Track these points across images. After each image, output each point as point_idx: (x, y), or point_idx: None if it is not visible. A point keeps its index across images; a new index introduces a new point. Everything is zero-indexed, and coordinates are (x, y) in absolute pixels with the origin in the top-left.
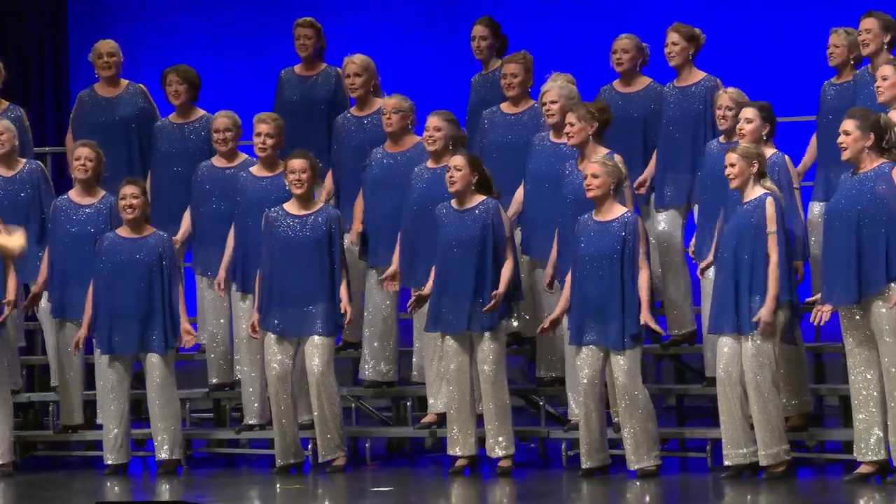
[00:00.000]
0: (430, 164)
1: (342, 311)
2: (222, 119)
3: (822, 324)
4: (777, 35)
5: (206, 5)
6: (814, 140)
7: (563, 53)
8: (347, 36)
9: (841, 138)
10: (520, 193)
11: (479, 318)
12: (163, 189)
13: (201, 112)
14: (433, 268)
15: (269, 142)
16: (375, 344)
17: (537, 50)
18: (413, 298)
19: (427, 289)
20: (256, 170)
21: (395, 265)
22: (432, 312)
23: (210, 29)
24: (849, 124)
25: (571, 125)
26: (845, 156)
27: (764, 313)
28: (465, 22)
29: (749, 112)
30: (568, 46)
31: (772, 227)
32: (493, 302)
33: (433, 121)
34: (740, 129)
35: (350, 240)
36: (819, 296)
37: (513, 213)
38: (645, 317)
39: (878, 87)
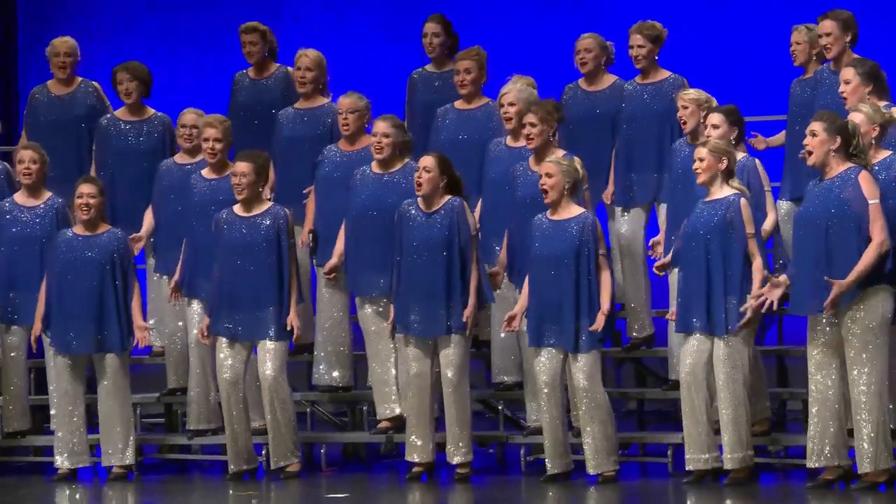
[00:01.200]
0: (374, 168)
1: (289, 327)
2: (190, 115)
3: (769, 305)
4: (747, 33)
5: (165, 4)
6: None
7: (528, 53)
8: (304, 35)
9: (807, 140)
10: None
11: (454, 322)
12: (110, 187)
13: (152, 111)
14: (341, 232)
15: (218, 146)
16: (329, 348)
17: (501, 49)
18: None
19: (336, 257)
20: (206, 172)
21: (336, 258)
22: (399, 317)
23: (169, 28)
24: (816, 126)
25: (532, 126)
26: (811, 160)
27: (750, 307)
28: (419, 20)
29: (715, 118)
30: (534, 45)
31: (750, 228)
32: (468, 320)
33: (381, 126)
34: (707, 136)
35: (301, 240)
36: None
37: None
38: (600, 321)
39: (842, 91)
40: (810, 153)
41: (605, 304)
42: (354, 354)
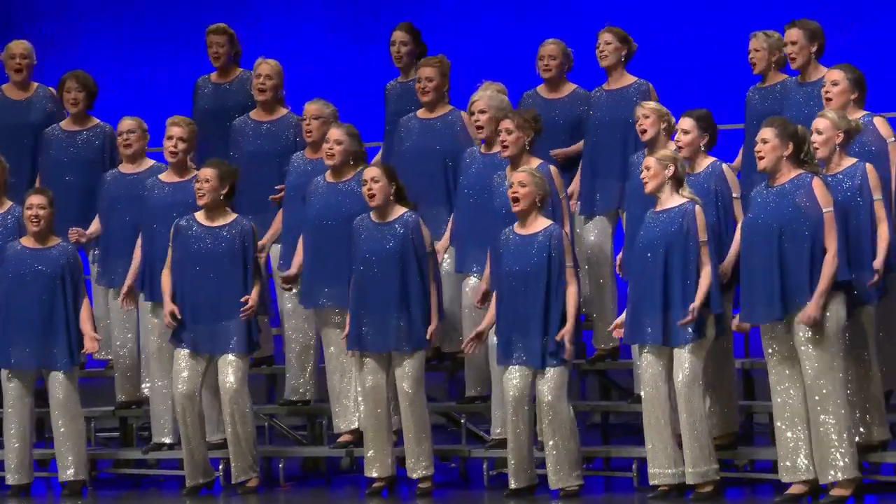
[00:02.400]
0: (328, 177)
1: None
2: (127, 122)
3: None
4: (711, 41)
5: (119, 10)
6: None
7: (495, 59)
8: (264, 42)
9: (758, 146)
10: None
11: (401, 337)
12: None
13: (95, 121)
14: (299, 243)
15: (181, 146)
16: (294, 362)
17: (468, 56)
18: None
19: (294, 268)
20: (165, 175)
21: (294, 269)
22: (352, 331)
23: (122, 35)
24: (767, 133)
25: (509, 132)
26: (762, 165)
27: (694, 308)
28: (387, 27)
29: (685, 122)
30: (501, 51)
31: (703, 236)
32: (431, 337)
33: (335, 133)
34: (677, 141)
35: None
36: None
37: (445, 237)
38: (566, 334)
39: (827, 91)
40: (761, 158)
41: (570, 320)
42: (319, 368)
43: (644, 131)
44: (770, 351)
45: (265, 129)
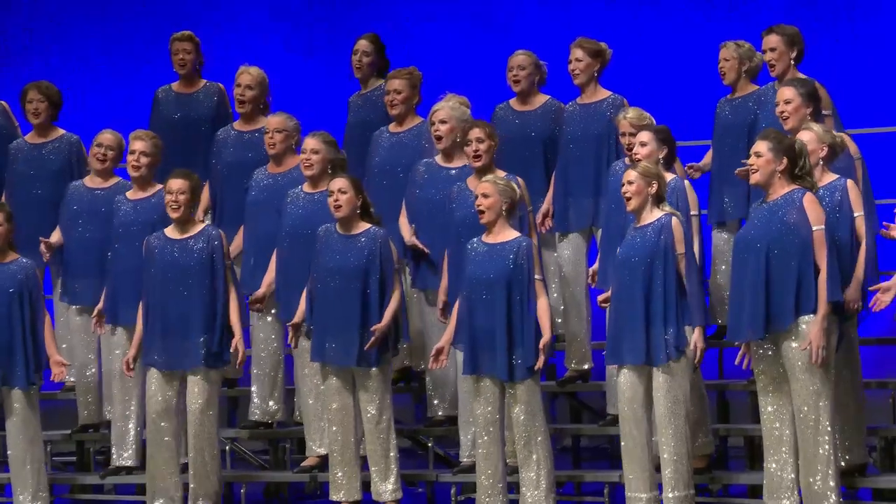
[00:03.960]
0: (306, 188)
1: (231, 349)
2: (108, 135)
3: (745, 367)
4: (680, 54)
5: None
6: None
7: (461, 72)
8: (227, 52)
9: (752, 160)
10: (403, 223)
11: (366, 354)
12: (18, 212)
13: (61, 131)
14: (304, 294)
15: (144, 160)
16: (264, 381)
17: (433, 69)
18: (291, 334)
19: (298, 317)
20: (131, 193)
21: (264, 287)
22: (316, 344)
23: (82, 44)
24: (761, 146)
25: (480, 141)
26: (754, 179)
27: (698, 341)
28: (350, 38)
29: (644, 136)
30: (467, 63)
31: (681, 248)
32: (373, 339)
33: (311, 143)
34: (635, 154)
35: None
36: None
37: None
38: (541, 351)
39: (782, 111)
40: (754, 172)
41: (546, 333)
42: (287, 389)
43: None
44: (758, 371)
45: (246, 139)
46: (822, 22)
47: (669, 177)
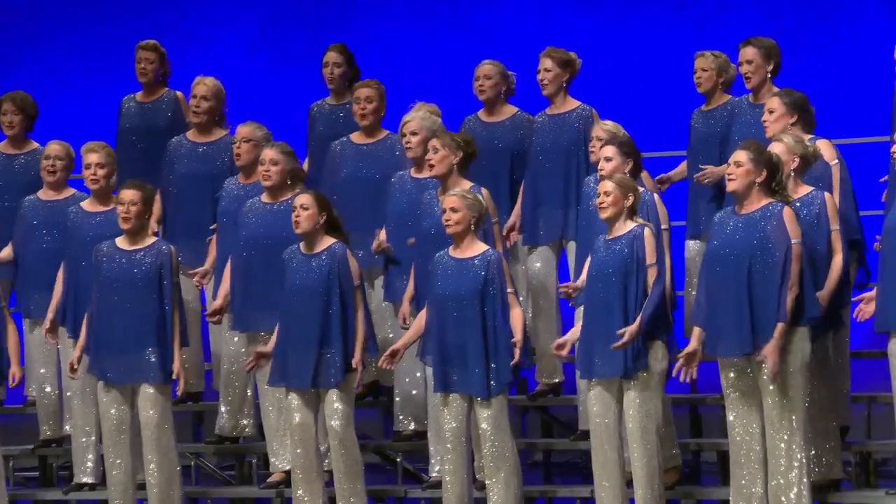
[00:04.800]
0: (264, 198)
1: (174, 374)
2: (54, 146)
3: (686, 381)
4: (651, 65)
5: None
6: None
7: (435, 79)
8: (194, 61)
9: (731, 168)
10: (382, 235)
11: (326, 373)
12: None
13: (35, 144)
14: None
15: (101, 172)
16: (233, 396)
17: (401, 79)
18: (251, 358)
19: (269, 345)
20: (88, 204)
21: (220, 300)
22: (277, 364)
23: (52, 54)
24: (741, 156)
25: (435, 151)
26: (732, 187)
27: (630, 330)
28: (321, 46)
29: (608, 150)
30: (441, 72)
31: (652, 259)
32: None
33: (270, 154)
34: (600, 169)
35: (196, 280)
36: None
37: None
38: (516, 353)
39: (765, 121)
40: (732, 180)
41: (518, 334)
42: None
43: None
44: (729, 385)
45: (201, 150)
46: (794, 34)
47: (638, 189)
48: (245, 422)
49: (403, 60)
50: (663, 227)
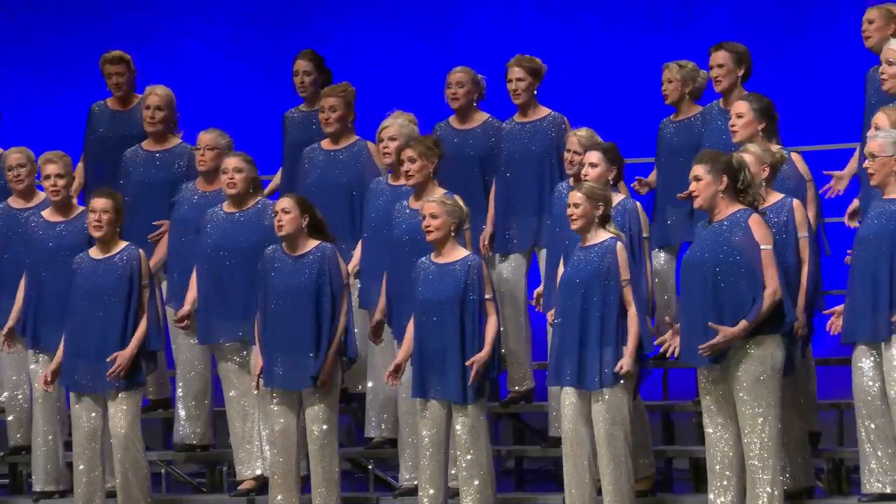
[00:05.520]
0: (226, 207)
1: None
2: (15, 155)
3: (671, 353)
4: (623, 71)
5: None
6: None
7: (404, 88)
8: (168, 65)
9: (692, 185)
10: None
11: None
12: None
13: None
14: (256, 332)
15: (61, 182)
16: (191, 402)
17: (375, 85)
18: (256, 382)
19: (258, 363)
20: (49, 214)
21: (188, 305)
22: (266, 368)
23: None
24: (699, 169)
25: (412, 161)
26: (697, 203)
27: (626, 363)
28: (290, 53)
29: (593, 156)
30: (410, 81)
31: (626, 274)
32: (324, 370)
33: (233, 162)
34: (584, 175)
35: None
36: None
37: (353, 265)
38: (477, 362)
39: (733, 125)
40: (696, 196)
41: (486, 347)
42: (215, 411)
43: (571, 163)
44: (704, 392)
45: (156, 158)
46: (767, 39)
47: (620, 196)
48: (202, 430)
49: (377, 67)
50: (644, 235)
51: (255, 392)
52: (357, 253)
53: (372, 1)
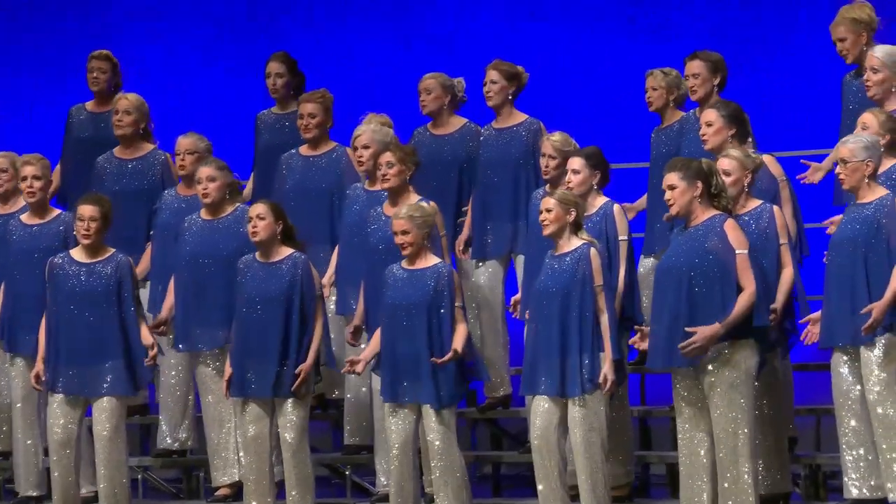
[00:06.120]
0: (204, 215)
1: (148, 359)
2: None
3: (641, 348)
4: (602, 78)
5: None
6: None
7: (377, 90)
8: (143, 71)
9: (667, 194)
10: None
11: (287, 383)
12: None
13: None
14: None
15: (37, 184)
16: (175, 409)
17: (349, 89)
18: (225, 387)
19: (228, 370)
20: (27, 217)
21: (165, 312)
22: (236, 376)
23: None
24: (673, 178)
25: (390, 166)
26: (674, 211)
27: (607, 371)
28: (263, 55)
29: (575, 162)
30: (385, 84)
31: (599, 280)
32: (299, 381)
33: (206, 171)
34: (567, 181)
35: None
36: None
37: (328, 276)
38: (447, 358)
39: (703, 134)
40: (672, 204)
41: (458, 346)
42: (197, 416)
43: (546, 170)
44: (678, 396)
45: (130, 166)
46: (745, 46)
47: (602, 200)
48: (185, 435)
49: (358, 70)
50: (622, 238)
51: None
52: (333, 260)
53: (346, 6)
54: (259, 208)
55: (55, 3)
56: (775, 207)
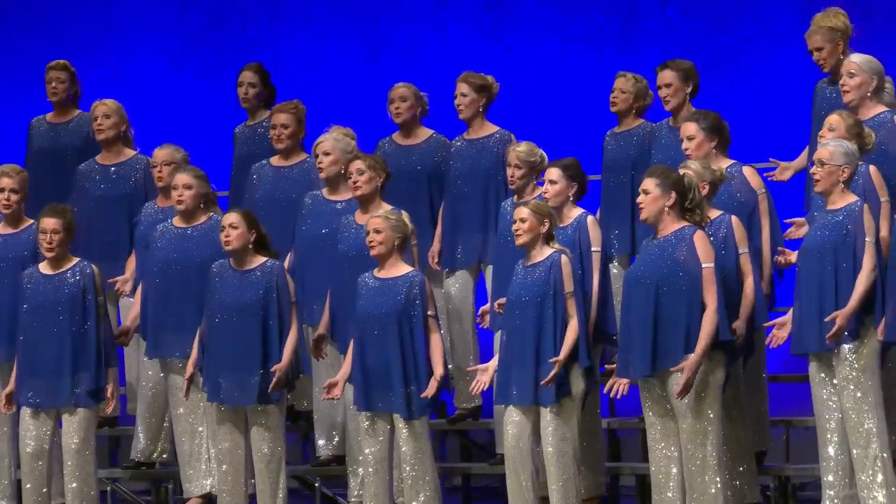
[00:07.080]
0: (177, 222)
1: (108, 393)
2: None
3: (618, 397)
4: (571, 89)
5: None
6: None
7: (345, 102)
8: (116, 78)
9: (640, 198)
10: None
11: (266, 392)
12: None
13: None
14: (196, 339)
15: (14, 197)
16: (150, 421)
17: (320, 101)
18: (186, 385)
19: (191, 365)
20: (1, 228)
21: (129, 320)
22: (210, 383)
23: None
24: (649, 183)
25: (361, 173)
26: (643, 216)
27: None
28: (234, 65)
29: (553, 173)
30: (351, 95)
31: (569, 286)
32: (275, 380)
33: (183, 178)
34: (544, 192)
35: (118, 286)
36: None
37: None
38: (432, 387)
39: (686, 148)
40: (642, 210)
41: (438, 368)
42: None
43: (512, 179)
44: (647, 408)
45: (112, 172)
46: (715, 55)
47: (577, 212)
48: (163, 446)
49: (324, 80)
50: (594, 248)
51: (185, 398)
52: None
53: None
54: (232, 217)
55: (25, 15)
56: (734, 217)
